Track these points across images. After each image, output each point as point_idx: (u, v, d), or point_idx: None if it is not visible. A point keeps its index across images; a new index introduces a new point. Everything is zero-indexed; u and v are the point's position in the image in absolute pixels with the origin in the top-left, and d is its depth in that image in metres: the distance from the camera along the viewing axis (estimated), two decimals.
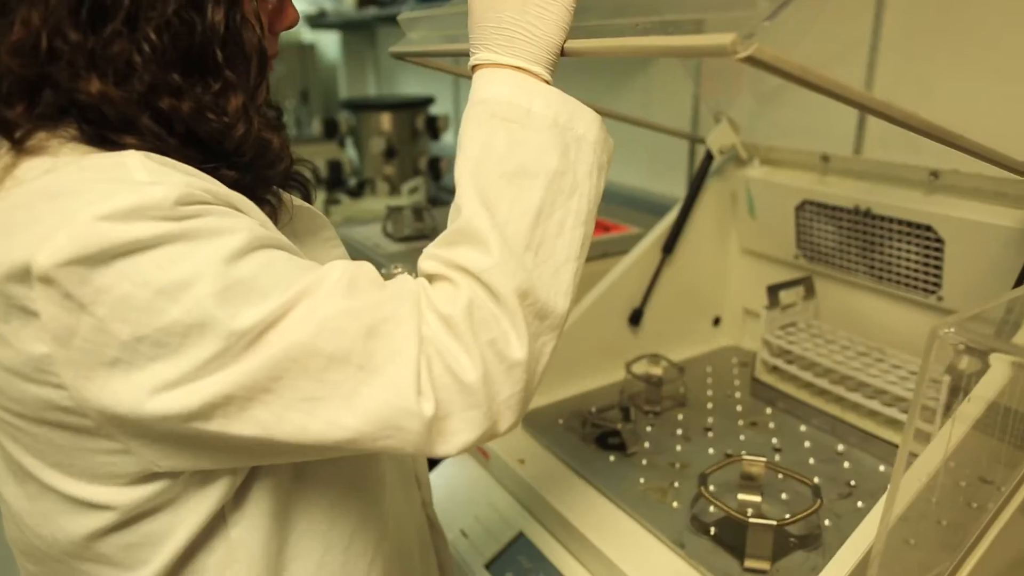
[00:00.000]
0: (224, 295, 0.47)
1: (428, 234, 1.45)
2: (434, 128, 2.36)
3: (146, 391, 0.48)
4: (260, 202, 0.59)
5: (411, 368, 0.49)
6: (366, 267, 0.53)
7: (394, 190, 2.28)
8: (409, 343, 0.50)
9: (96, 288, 0.46)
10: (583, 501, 0.91)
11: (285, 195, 0.65)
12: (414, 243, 1.43)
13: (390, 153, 2.30)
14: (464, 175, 0.55)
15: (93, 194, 0.47)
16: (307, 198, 0.72)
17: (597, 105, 0.62)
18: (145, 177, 0.49)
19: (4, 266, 0.47)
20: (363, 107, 2.37)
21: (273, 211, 0.61)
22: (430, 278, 0.55)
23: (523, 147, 0.55)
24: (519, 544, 0.93)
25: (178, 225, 0.48)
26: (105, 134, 0.52)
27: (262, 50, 0.58)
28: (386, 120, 2.32)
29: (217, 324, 0.47)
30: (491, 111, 0.56)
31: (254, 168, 0.58)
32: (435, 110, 2.43)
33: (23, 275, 0.47)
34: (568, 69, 0.61)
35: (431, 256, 0.55)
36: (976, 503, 0.67)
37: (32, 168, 0.51)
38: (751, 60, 0.41)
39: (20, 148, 0.52)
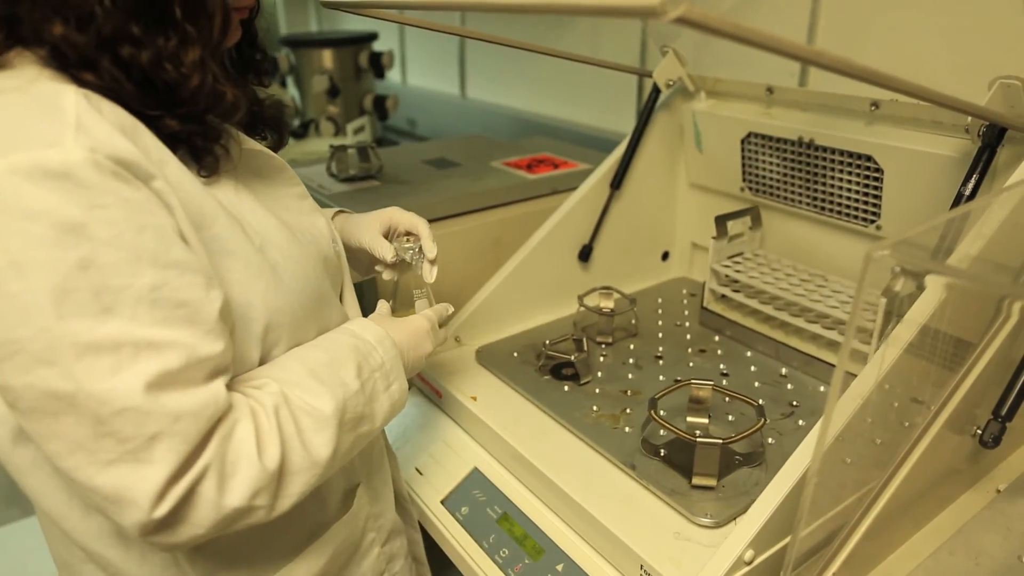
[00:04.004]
0: (64, 295, 0.50)
1: (374, 174, 1.41)
2: (379, 65, 2.29)
3: None
4: (201, 151, 0.63)
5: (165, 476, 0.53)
6: (211, 352, 0.56)
7: (339, 130, 2.21)
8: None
9: None
10: (539, 431, 0.93)
11: (236, 142, 0.68)
12: (359, 183, 1.39)
13: (333, 92, 2.23)
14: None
15: (21, 136, 0.51)
16: (277, 144, 0.77)
17: (543, 45, 0.61)
18: (72, 128, 0.52)
19: None
20: (303, 44, 2.28)
21: (215, 160, 0.64)
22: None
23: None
24: (473, 478, 0.95)
25: (74, 207, 0.50)
26: (68, 70, 0.56)
27: (225, 8, 0.61)
28: (328, 57, 2.23)
29: (37, 317, 0.49)
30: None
31: (206, 117, 0.62)
32: (379, 46, 2.36)
33: None
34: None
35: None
36: (908, 422, 0.70)
37: None
38: (682, 21, 0.40)
39: None
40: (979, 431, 0.72)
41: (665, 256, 1.36)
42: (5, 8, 0.56)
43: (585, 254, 1.22)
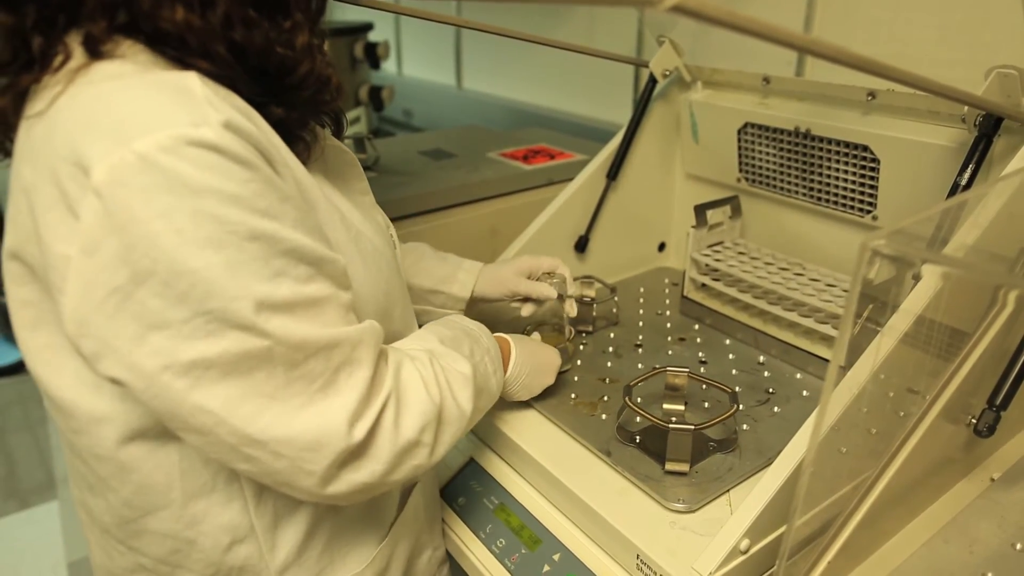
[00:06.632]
0: (241, 265, 0.52)
1: (370, 165, 1.41)
2: (374, 56, 2.28)
3: (136, 326, 0.51)
4: (295, 139, 0.64)
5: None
6: (350, 298, 0.61)
7: None
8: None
9: (132, 217, 0.49)
10: (519, 420, 0.93)
11: (319, 131, 0.68)
12: None
13: None
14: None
15: (161, 116, 0.50)
16: (338, 131, 0.75)
17: (539, 35, 0.62)
18: (210, 108, 0.52)
19: (70, 161, 0.50)
20: None
21: (307, 147, 0.65)
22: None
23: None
24: (470, 469, 0.95)
25: (231, 183, 0.51)
26: (183, 57, 0.55)
27: None
28: None
29: (225, 289, 0.51)
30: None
31: (308, 104, 0.63)
32: (375, 36, 2.35)
33: (82, 177, 0.49)
34: None
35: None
36: (903, 411, 0.71)
37: (104, 69, 0.54)
38: (678, 10, 0.40)
39: (96, 53, 0.54)
40: (974, 420, 0.72)
41: (662, 247, 1.36)
42: None
43: (581, 245, 1.22)
